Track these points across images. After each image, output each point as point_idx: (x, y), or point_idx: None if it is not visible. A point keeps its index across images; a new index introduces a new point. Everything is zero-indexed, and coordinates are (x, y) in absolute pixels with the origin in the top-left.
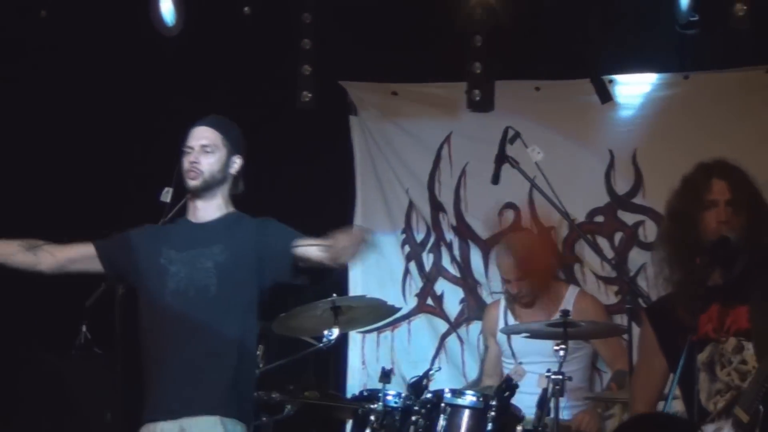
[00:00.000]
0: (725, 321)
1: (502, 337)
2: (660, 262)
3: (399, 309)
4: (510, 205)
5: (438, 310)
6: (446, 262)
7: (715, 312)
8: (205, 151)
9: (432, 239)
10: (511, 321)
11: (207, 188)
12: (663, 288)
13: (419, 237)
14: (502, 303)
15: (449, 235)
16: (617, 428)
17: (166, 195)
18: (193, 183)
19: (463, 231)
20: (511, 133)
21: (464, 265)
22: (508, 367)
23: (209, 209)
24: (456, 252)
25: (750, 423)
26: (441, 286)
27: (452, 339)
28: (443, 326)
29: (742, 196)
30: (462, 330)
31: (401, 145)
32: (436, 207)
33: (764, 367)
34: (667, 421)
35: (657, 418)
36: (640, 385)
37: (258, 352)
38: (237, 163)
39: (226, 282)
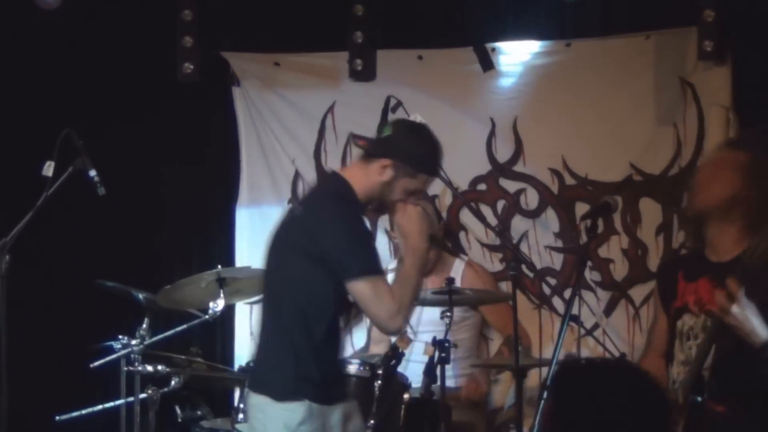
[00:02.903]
0: (706, 297)
1: None
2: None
3: None
4: None
5: None
6: None
7: (703, 286)
8: None
9: None
10: None
11: None
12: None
13: None
14: (391, 273)
15: None
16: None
17: (48, 168)
18: None
19: None
20: (393, 101)
21: None
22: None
23: None
24: None
25: (682, 407)
26: None
27: None
28: None
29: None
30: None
31: (285, 116)
32: None
33: (697, 357)
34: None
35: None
36: (655, 335)
37: (144, 325)
38: None
39: None
